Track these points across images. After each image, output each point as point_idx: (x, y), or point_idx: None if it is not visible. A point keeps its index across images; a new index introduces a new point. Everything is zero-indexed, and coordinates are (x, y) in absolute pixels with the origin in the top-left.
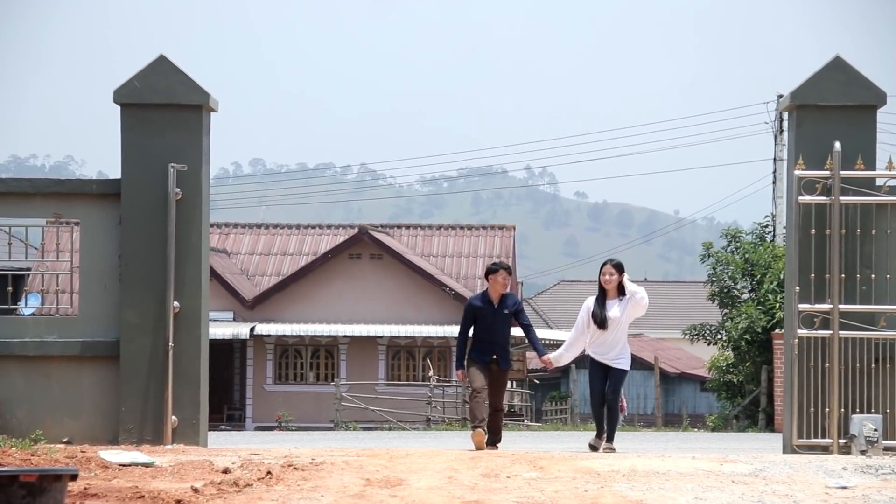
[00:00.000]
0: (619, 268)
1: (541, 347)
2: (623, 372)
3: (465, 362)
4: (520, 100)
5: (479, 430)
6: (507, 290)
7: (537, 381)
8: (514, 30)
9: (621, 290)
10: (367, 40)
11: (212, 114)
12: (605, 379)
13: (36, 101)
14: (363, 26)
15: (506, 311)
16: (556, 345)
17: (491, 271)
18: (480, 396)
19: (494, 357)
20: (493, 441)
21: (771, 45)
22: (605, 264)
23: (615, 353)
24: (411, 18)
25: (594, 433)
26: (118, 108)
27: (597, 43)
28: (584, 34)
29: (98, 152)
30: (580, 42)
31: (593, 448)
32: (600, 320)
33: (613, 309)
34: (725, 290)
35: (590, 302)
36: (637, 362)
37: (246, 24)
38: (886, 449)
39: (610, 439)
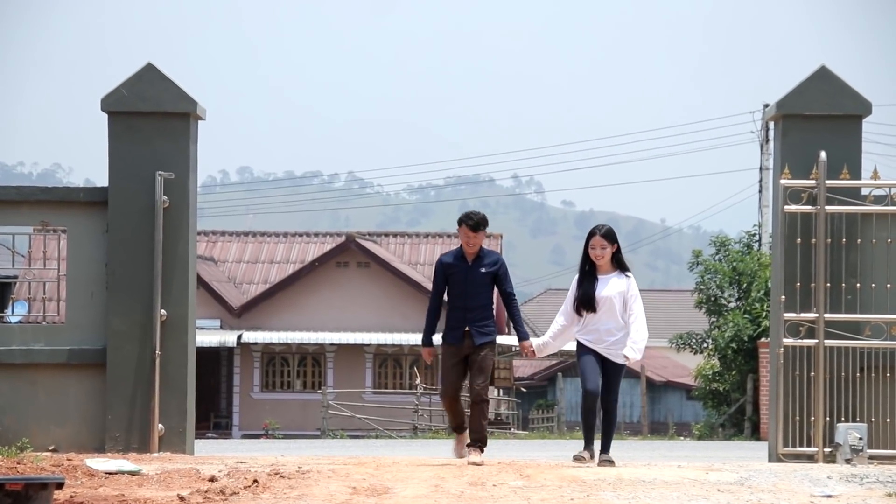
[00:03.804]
0: (611, 236)
1: (523, 328)
2: (621, 367)
3: (441, 343)
4: (507, 109)
5: (463, 435)
6: (479, 245)
7: (524, 389)
8: (502, 39)
9: (619, 264)
10: (355, 48)
11: (199, 122)
12: (599, 364)
13: (23, 109)
14: (351, 35)
15: (482, 271)
16: None
17: (459, 222)
18: (449, 400)
19: (467, 329)
20: (476, 442)
21: (757, 54)
22: (592, 234)
23: (612, 341)
24: (400, 27)
25: (582, 443)
26: (106, 115)
27: (584, 52)
28: (572, 44)
29: (85, 160)
30: (567, 52)
31: (580, 460)
32: (586, 299)
33: (607, 286)
34: (713, 299)
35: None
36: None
37: (234, 33)
38: (871, 458)
39: (606, 449)
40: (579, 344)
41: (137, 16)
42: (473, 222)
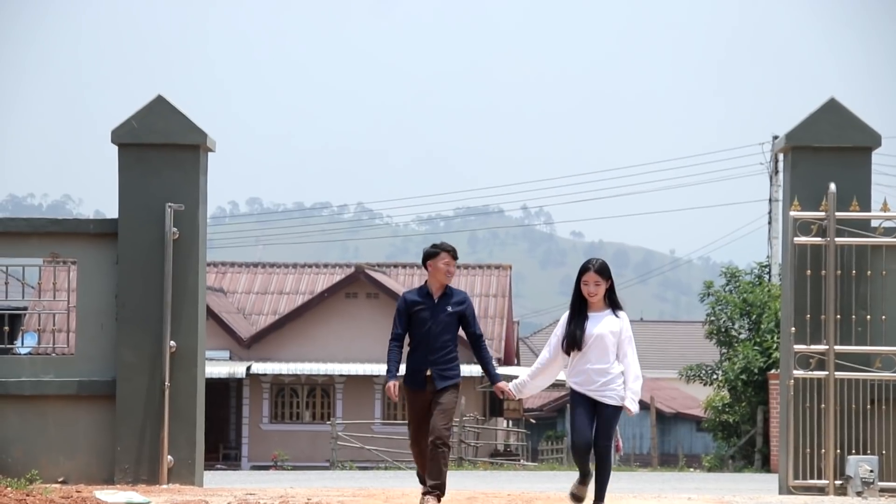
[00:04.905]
0: (605, 272)
1: (494, 370)
2: (616, 409)
3: (402, 387)
4: (516, 140)
5: (431, 497)
6: (451, 280)
7: (533, 421)
8: (511, 71)
9: (612, 301)
10: (365, 80)
11: (209, 153)
12: (591, 415)
13: (34, 141)
14: (361, 66)
15: (448, 309)
16: (554, 384)
17: (429, 255)
18: (421, 454)
19: (429, 374)
20: (434, 489)
21: (767, 86)
22: (586, 270)
23: (602, 382)
24: (410, 61)
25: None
26: (116, 147)
27: (593, 83)
28: (581, 75)
29: (95, 191)
30: (576, 83)
31: (576, 498)
32: (573, 339)
33: (599, 324)
34: (723, 330)
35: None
36: None
37: (245, 64)
38: (882, 490)
39: (600, 497)
40: (572, 391)
41: (147, 48)
42: (454, 250)
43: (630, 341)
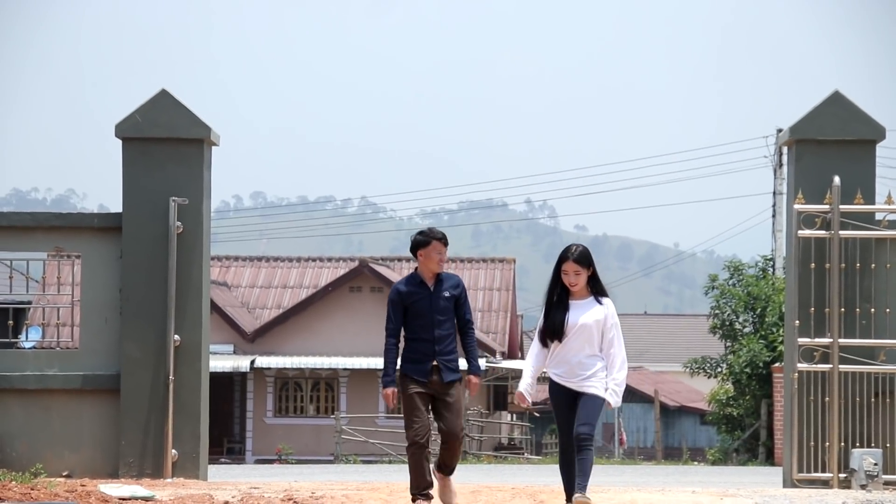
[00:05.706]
0: (585, 260)
1: (477, 362)
2: (596, 398)
3: (399, 378)
4: (520, 134)
5: (447, 479)
6: (443, 268)
7: (537, 414)
8: (515, 64)
9: (596, 288)
10: (369, 74)
11: (213, 147)
12: (573, 410)
13: (38, 135)
14: (364, 60)
15: (446, 295)
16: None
17: (420, 244)
18: (418, 451)
19: (434, 364)
20: (447, 472)
21: (771, 79)
22: (564, 259)
23: (586, 376)
24: (414, 55)
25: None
26: (120, 142)
27: (597, 77)
28: (584, 68)
29: (100, 185)
30: (580, 76)
31: None
32: (552, 328)
33: (583, 313)
34: (728, 324)
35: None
36: (637, 395)
37: (248, 58)
38: (886, 483)
39: (582, 487)
40: (551, 383)
41: (151, 42)
42: (445, 236)
43: (616, 328)
